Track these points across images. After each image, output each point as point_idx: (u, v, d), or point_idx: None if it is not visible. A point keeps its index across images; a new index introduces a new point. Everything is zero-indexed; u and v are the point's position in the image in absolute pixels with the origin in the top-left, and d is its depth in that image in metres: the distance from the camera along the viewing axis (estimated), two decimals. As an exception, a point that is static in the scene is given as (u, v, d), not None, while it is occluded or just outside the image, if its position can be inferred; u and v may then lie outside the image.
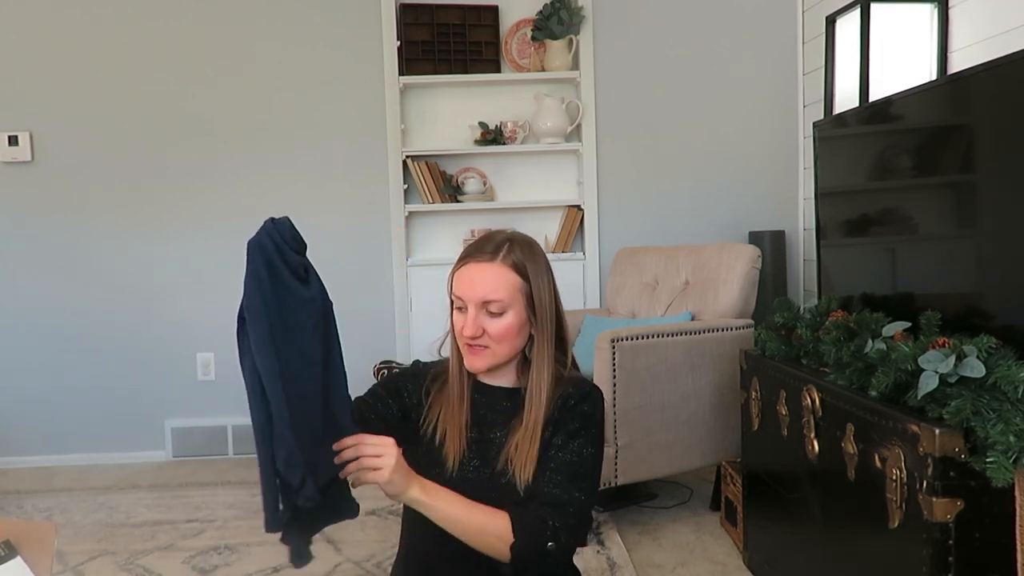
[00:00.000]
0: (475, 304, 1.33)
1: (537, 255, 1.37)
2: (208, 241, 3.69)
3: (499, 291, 1.32)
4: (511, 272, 1.33)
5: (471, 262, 1.35)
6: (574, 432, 1.32)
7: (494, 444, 1.36)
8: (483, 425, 1.39)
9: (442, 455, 1.36)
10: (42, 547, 1.25)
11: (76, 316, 3.69)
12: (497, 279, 1.32)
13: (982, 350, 1.45)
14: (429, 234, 3.79)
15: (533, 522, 1.23)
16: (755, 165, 3.74)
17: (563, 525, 1.24)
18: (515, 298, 1.33)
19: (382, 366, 3.43)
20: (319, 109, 3.69)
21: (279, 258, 1.09)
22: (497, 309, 1.32)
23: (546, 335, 1.36)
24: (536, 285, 1.35)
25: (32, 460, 3.69)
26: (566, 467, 1.29)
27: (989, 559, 1.43)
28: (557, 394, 1.35)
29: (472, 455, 1.36)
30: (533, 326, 1.36)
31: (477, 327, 1.32)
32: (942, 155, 1.88)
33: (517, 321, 1.34)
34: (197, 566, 2.51)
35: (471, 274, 1.34)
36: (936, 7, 2.59)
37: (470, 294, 1.33)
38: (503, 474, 1.32)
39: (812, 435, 1.91)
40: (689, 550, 2.56)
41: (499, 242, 1.36)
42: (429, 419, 1.40)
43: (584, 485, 1.29)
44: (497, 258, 1.33)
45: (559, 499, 1.26)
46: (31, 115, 3.63)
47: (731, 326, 2.81)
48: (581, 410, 1.34)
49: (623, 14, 3.69)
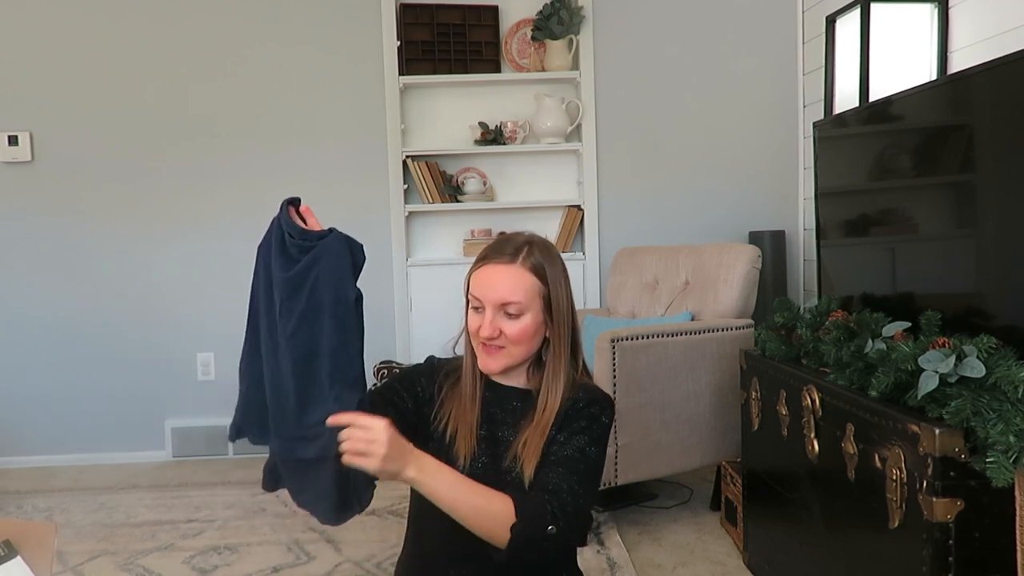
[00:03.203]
0: (493, 305, 1.33)
1: (555, 259, 1.38)
2: (209, 241, 3.69)
3: (518, 293, 1.32)
4: (530, 275, 1.33)
5: (490, 263, 1.35)
6: (578, 430, 1.32)
7: (503, 443, 1.36)
8: (493, 423, 1.39)
9: (453, 451, 1.36)
10: (42, 547, 1.25)
11: (76, 316, 3.69)
12: (516, 281, 1.33)
13: (982, 350, 1.45)
14: (429, 234, 3.79)
15: (534, 505, 1.23)
16: (755, 165, 3.74)
17: (561, 513, 1.24)
18: (533, 301, 1.33)
19: (382, 366, 3.43)
20: (319, 109, 3.69)
21: (278, 233, 1.26)
22: (515, 311, 1.32)
23: (562, 339, 1.36)
24: (554, 288, 1.35)
25: (32, 460, 3.69)
26: (566, 460, 1.29)
27: (989, 559, 1.43)
28: (568, 398, 1.35)
29: (481, 452, 1.37)
30: (549, 329, 1.36)
31: (494, 328, 1.33)
32: (942, 155, 1.88)
33: (534, 324, 1.34)
34: (197, 566, 2.51)
35: (490, 275, 1.34)
36: (936, 7, 2.59)
37: (489, 295, 1.33)
38: (509, 471, 1.33)
39: (812, 435, 1.91)
40: (689, 550, 2.56)
41: (519, 244, 1.36)
42: (441, 415, 1.40)
43: (583, 480, 1.29)
44: (517, 260, 1.34)
45: (558, 487, 1.26)
46: (31, 115, 3.63)
47: (731, 326, 2.81)
48: (588, 412, 1.34)
49: (623, 14, 3.69)
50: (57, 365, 3.70)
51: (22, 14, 3.60)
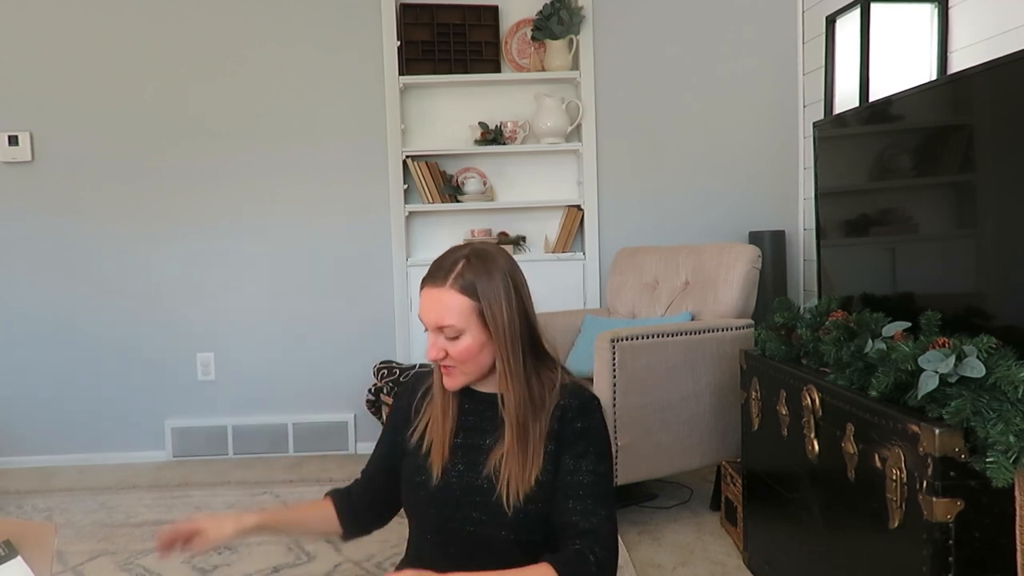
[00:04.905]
0: (432, 329, 1.33)
1: (492, 272, 1.31)
2: (209, 241, 3.69)
3: (449, 316, 1.30)
4: (460, 296, 1.30)
5: (426, 287, 1.34)
6: (583, 453, 1.31)
7: (482, 450, 1.36)
8: (471, 431, 1.39)
9: (427, 464, 1.37)
10: (42, 547, 1.25)
11: (76, 316, 3.69)
12: (446, 305, 1.30)
13: (982, 350, 1.45)
14: (429, 234, 3.79)
15: (575, 562, 1.23)
16: (755, 165, 3.74)
17: (603, 551, 1.24)
18: (469, 320, 1.30)
19: (382, 366, 3.43)
20: (319, 109, 3.69)
21: None
22: (451, 334, 1.31)
23: (507, 353, 1.32)
24: (488, 305, 1.30)
25: (32, 460, 3.69)
26: (586, 489, 1.29)
27: (989, 559, 1.43)
28: (554, 404, 1.34)
29: (457, 461, 1.37)
30: (492, 344, 1.33)
31: (439, 350, 1.32)
32: (942, 155, 1.88)
33: (476, 342, 1.31)
34: (197, 566, 2.51)
35: (426, 299, 1.33)
36: (936, 7, 2.59)
37: (426, 319, 1.33)
38: (484, 484, 1.33)
39: (812, 435, 1.91)
40: (689, 550, 2.56)
41: (450, 265, 1.32)
42: (418, 429, 1.41)
43: (604, 502, 1.30)
44: (447, 283, 1.31)
45: (592, 527, 1.26)
46: (31, 115, 3.63)
47: (731, 326, 2.81)
48: (584, 428, 1.33)
49: (623, 14, 3.69)
50: (57, 365, 3.70)
51: (22, 14, 3.60)
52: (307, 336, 3.72)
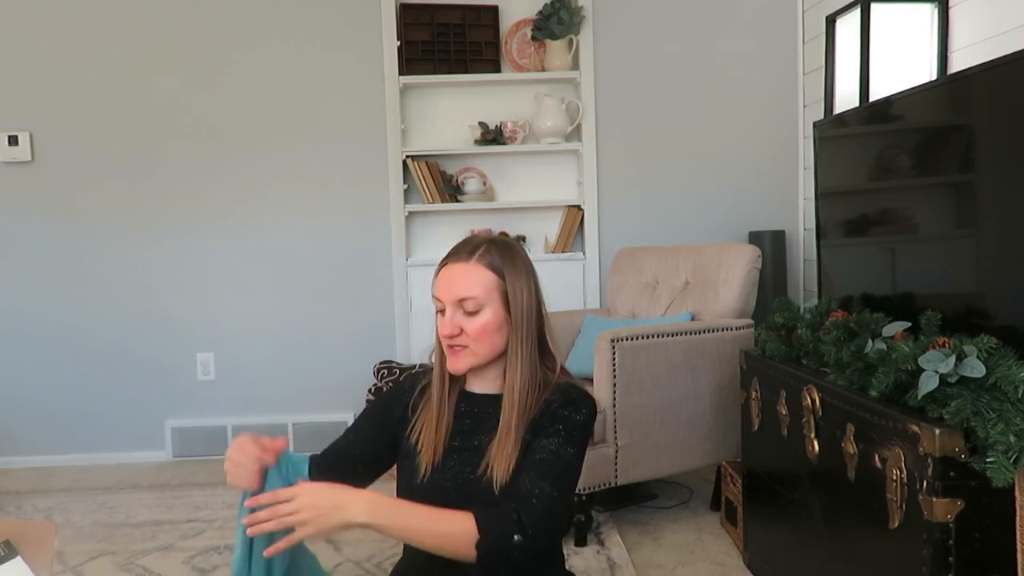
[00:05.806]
0: (452, 304, 1.34)
1: (516, 257, 1.37)
2: (208, 241, 3.69)
3: (473, 288, 1.32)
4: (486, 270, 1.34)
5: (448, 264, 1.36)
6: (552, 432, 1.31)
7: (478, 451, 1.36)
8: (467, 433, 1.39)
9: (417, 461, 1.37)
10: (42, 547, 1.25)
11: (76, 316, 3.69)
12: (471, 277, 1.33)
13: (982, 350, 1.45)
14: (429, 234, 3.79)
15: (497, 517, 1.21)
16: (755, 165, 3.74)
17: (528, 518, 1.21)
18: (491, 295, 1.33)
19: (382, 366, 3.43)
20: (319, 109, 3.69)
21: None
22: (472, 307, 1.32)
23: (521, 335, 1.34)
24: (512, 283, 1.34)
25: (32, 460, 3.69)
26: (538, 464, 1.28)
27: (989, 559, 1.43)
28: (544, 400, 1.34)
29: (452, 462, 1.37)
30: (509, 324, 1.35)
31: (455, 326, 1.33)
32: (942, 155, 1.88)
33: (495, 319, 1.33)
34: (197, 566, 2.51)
35: (447, 274, 1.35)
36: (936, 7, 2.59)
37: (447, 294, 1.34)
38: (481, 478, 1.32)
39: (812, 435, 1.91)
40: (689, 550, 2.56)
41: (476, 244, 1.37)
42: (415, 428, 1.42)
43: (554, 481, 1.26)
44: (473, 258, 1.34)
45: (528, 492, 1.24)
46: (31, 115, 3.63)
47: (731, 326, 2.81)
48: (562, 414, 1.33)
49: (623, 14, 3.69)
50: (57, 365, 3.70)
51: (22, 14, 3.60)
52: (307, 336, 3.72)
